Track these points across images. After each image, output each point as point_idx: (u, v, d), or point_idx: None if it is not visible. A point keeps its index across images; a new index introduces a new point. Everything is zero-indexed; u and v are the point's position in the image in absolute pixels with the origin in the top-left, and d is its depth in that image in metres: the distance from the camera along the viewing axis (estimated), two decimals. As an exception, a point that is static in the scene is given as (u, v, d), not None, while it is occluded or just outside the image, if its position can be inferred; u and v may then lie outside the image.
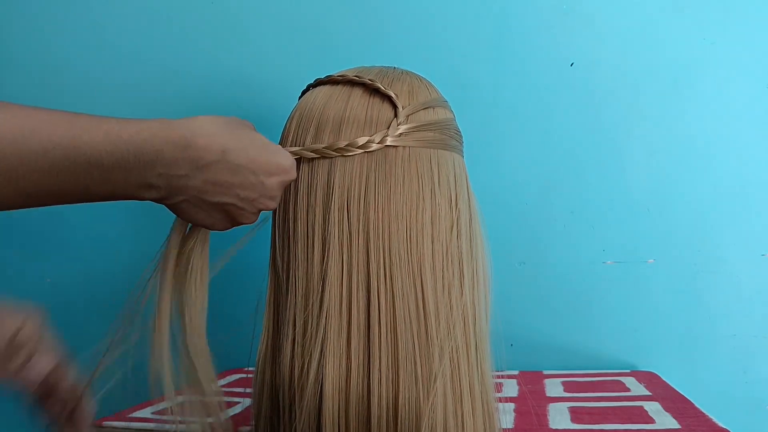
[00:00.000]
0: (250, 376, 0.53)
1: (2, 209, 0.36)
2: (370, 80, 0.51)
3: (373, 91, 0.51)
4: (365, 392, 0.45)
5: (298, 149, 0.49)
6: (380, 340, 0.46)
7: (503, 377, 0.79)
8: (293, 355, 0.48)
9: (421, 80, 0.55)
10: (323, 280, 0.47)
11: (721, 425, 0.58)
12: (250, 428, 0.53)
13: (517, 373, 0.87)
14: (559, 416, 0.64)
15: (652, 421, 0.61)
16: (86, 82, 1.04)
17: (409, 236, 0.48)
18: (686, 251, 0.88)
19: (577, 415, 0.64)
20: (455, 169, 0.52)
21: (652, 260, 0.89)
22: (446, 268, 0.48)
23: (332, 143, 0.49)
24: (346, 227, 0.48)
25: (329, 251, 0.48)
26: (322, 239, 0.48)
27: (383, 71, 0.53)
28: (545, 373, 0.87)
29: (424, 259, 0.48)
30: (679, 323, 0.88)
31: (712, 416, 0.62)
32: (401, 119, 0.49)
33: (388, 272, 0.47)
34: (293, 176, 0.49)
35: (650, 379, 0.81)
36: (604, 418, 0.62)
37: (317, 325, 0.47)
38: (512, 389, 0.76)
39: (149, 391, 0.47)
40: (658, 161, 0.89)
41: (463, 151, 0.55)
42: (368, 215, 0.47)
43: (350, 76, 0.52)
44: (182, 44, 1.01)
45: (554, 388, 0.77)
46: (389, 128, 0.49)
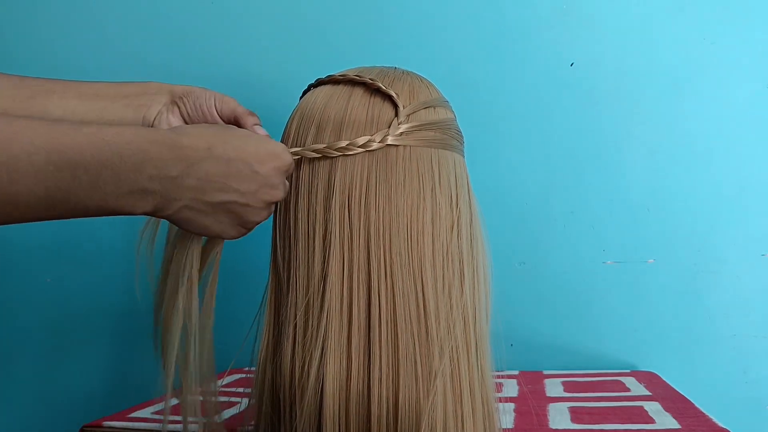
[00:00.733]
0: (250, 376, 0.53)
1: None
2: (371, 80, 0.51)
3: (374, 90, 0.51)
4: (365, 391, 0.45)
5: (299, 149, 0.49)
6: (381, 339, 0.46)
7: (503, 377, 0.79)
8: (294, 354, 0.48)
9: (421, 80, 0.55)
10: (324, 279, 0.47)
11: (721, 425, 0.58)
12: (250, 428, 0.53)
13: (517, 373, 0.87)
14: (559, 416, 0.64)
15: (652, 421, 0.61)
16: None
17: (409, 235, 0.48)
18: (686, 251, 0.88)
19: (577, 415, 0.64)
20: (456, 168, 0.52)
21: (652, 260, 0.89)
22: (447, 267, 0.49)
23: (333, 143, 0.49)
24: (347, 226, 0.48)
25: (330, 250, 0.48)
26: (323, 239, 0.48)
27: (384, 71, 0.53)
28: (545, 373, 0.87)
29: (424, 258, 0.48)
30: (679, 323, 0.88)
31: (712, 416, 0.62)
32: (402, 118, 0.49)
33: (388, 271, 0.47)
34: (288, 160, 0.48)
35: (650, 379, 0.81)
36: (604, 418, 0.62)
37: (318, 324, 0.47)
38: (512, 389, 0.76)
39: (163, 387, 0.47)
40: (658, 161, 0.89)
41: (463, 151, 0.55)
42: (369, 214, 0.48)
43: (351, 75, 0.52)
44: (182, 44, 1.01)
45: (554, 388, 0.77)
46: (390, 127, 0.49)
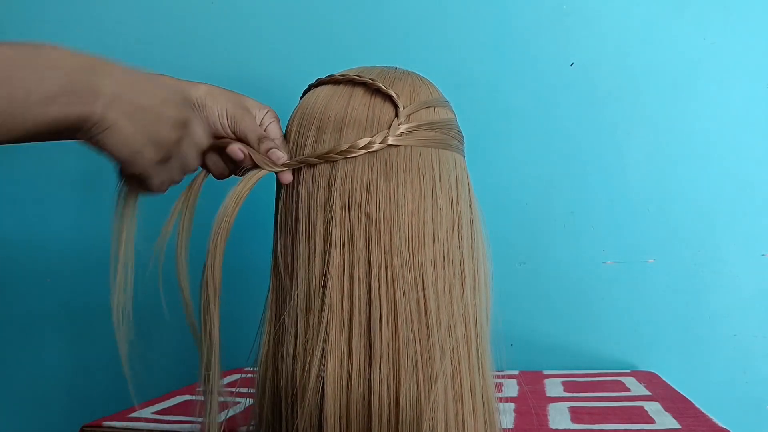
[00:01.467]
0: (250, 376, 0.53)
1: None
2: (371, 80, 0.51)
3: (374, 90, 0.51)
4: (366, 391, 0.45)
5: (302, 158, 0.50)
6: (381, 339, 0.46)
7: (503, 377, 0.79)
8: (295, 354, 0.48)
9: (422, 80, 0.55)
10: (325, 279, 0.47)
11: (721, 425, 0.58)
12: (251, 428, 0.53)
13: (517, 373, 0.87)
14: (559, 416, 0.64)
15: (652, 421, 0.61)
16: (86, 81, 1.04)
17: (410, 236, 0.48)
18: (686, 251, 0.88)
19: (577, 415, 0.64)
20: (456, 168, 0.52)
21: (652, 260, 0.89)
22: (447, 267, 0.49)
23: (334, 147, 0.49)
24: (347, 227, 0.48)
25: (331, 251, 0.48)
26: (323, 239, 0.48)
27: (384, 71, 0.53)
28: (545, 373, 0.87)
29: (425, 258, 0.48)
30: (679, 323, 0.88)
31: (712, 416, 0.62)
32: (402, 118, 0.49)
33: (389, 272, 0.47)
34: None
35: (650, 379, 0.81)
36: (604, 418, 0.62)
37: (319, 324, 0.47)
38: (512, 389, 0.76)
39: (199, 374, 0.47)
40: (658, 161, 0.89)
41: (464, 151, 0.55)
42: (370, 215, 0.48)
43: (351, 75, 0.52)
44: (182, 44, 1.01)
45: (554, 388, 0.77)
46: (390, 128, 0.49)
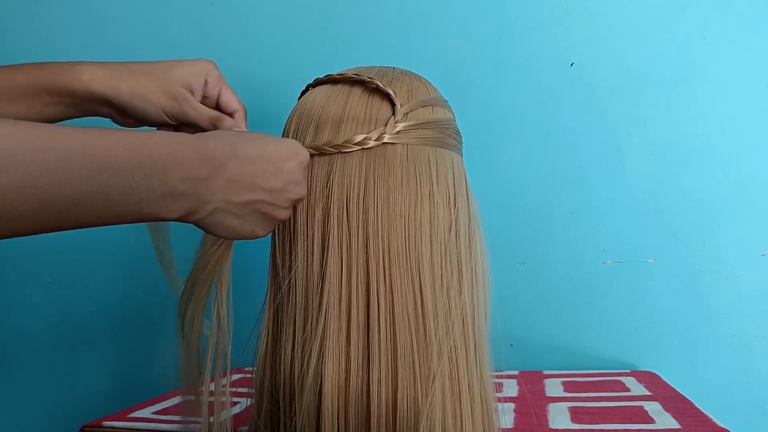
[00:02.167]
0: (250, 376, 0.53)
1: (30, 231, 0.35)
2: (369, 78, 0.51)
3: (372, 89, 0.51)
4: (364, 391, 0.45)
5: None
6: (379, 339, 0.46)
7: (503, 377, 0.79)
8: (293, 354, 0.48)
9: (420, 80, 0.55)
10: (322, 279, 0.47)
11: (721, 425, 0.58)
12: (250, 428, 0.53)
13: (517, 373, 0.87)
14: (559, 416, 0.64)
15: (652, 421, 0.61)
16: (86, 82, 1.04)
17: (407, 235, 0.48)
18: (686, 251, 0.88)
19: (577, 415, 0.64)
20: (454, 168, 0.52)
21: (652, 260, 0.89)
22: (445, 267, 0.49)
23: (330, 140, 0.49)
24: (345, 226, 0.48)
25: (328, 250, 0.48)
26: (321, 238, 0.48)
27: (383, 71, 0.54)
28: (545, 373, 0.87)
29: (422, 258, 0.48)
30: (679, 323, 0.88)
31: (712, 416, 0.62)
32: (399, 117, 0.49)
33: (387, 271, 0.47)
34: (307, 155, 0.48)
35: (650, 379, 0.81)
36: (604, 418, 0.62)
37: (317, 324, 0.47)
38: (512, 389, 0.76)
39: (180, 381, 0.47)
40: (658, 161, 0.89)
41: (462, 151, 0.55)
42: (367, 215, 0.48)
43: (349, 75, 0.52)
44: (182, 44, 1.01)
45: (554, 388, 0.77)
46: (387, 125, 0.49)
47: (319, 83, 0.54)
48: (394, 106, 0.50)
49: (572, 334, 0.90)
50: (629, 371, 0.86)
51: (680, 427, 0.59)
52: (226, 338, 0.49)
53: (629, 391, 0.74)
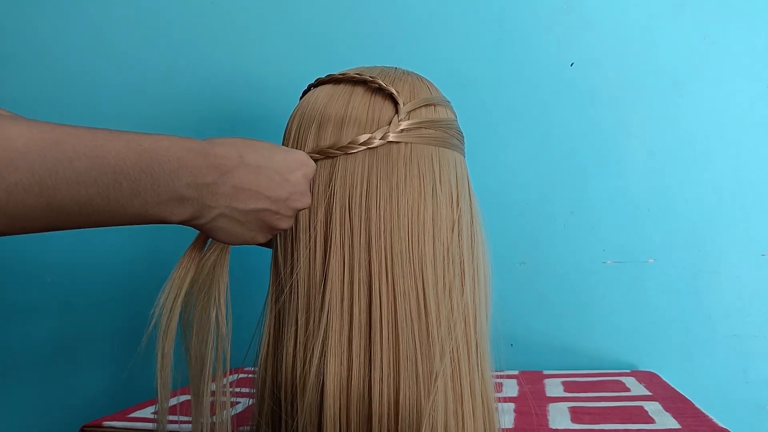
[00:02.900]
0: (250, 376, 0.53)
1: (37, 229, 0.35)
2: (371, 78, 0.51)
3: (374, 89, 0.51)
4: (366, 391, 0.45)
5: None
6: (381, 338, 0.46)
7: (503, 377, 0.79)
8: (295, 353, 0.48)
9: (422, 80, 0.55)
10: (325, 278, 0.47)
11: (721, 425, 0.58)
12: (251, 427, 0.53)
13: (517, 373, 0.87)
14: (559, 416, 0.64)
15: (652, 421, 0.61)
16: (86, 82, 1.04)
17: (410, 235, 0.48)
18: (686, 251, 0.88)
19: (577, 415, 0.64)
20: (457, 168, 0.52)
21: (652, 260, 0.89)
22: (447, 267, 0.49)
23: (335, 143, 0.49)
24: (347, 226, 0.48)
25: (331, 250, 0.48)
26: (324, 238, 0.48)
27: (385, 71, 0.54)
28: (545, 373, 0.87)
29: (425, 258, 0.48)
30: (679, 323, 0.88)
31: (712, 416, 0.62)
32: (402, 116, 0.49)
33: (389, 271, 0.47)
34: (313, 166, 0.49)
35: (650, 379, 0.81)
36: (604, 418, 0.62)
37: (319, 323, 0.47)
38: (512, 389, 0.76)
39: (155, 390, 0.47)
40: (658, 161, 0.89)
41: (464, 151, 0.55)
42: (370, 214, 0.48)
43: (351, 74, 0.52)
44: (182, 44, 1.01)
45: (554, 388, 0.77)
46: (390, 125, 0.49)
47: (320, 83, 0.54)
48: (396, 105, 0.50)
49: (572, 334, 0.90)
50: (629, 371, 0.86)
51: (680, 427, 0.59)
52: (225, 341, 0.49)
53: (629, 391, 0.74)
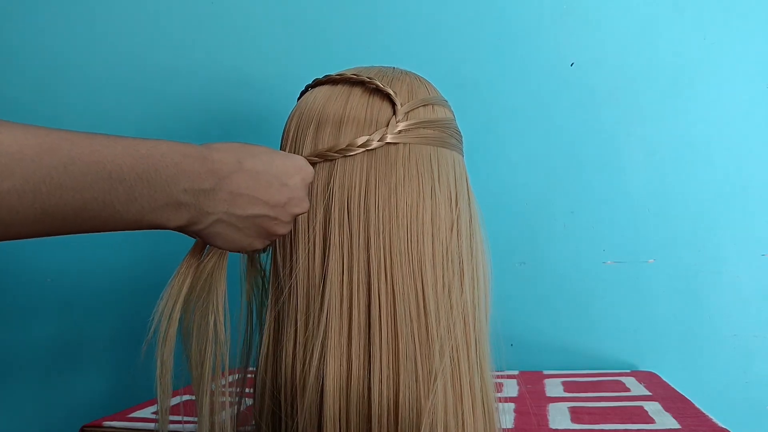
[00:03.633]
0: (250, 376, 0.53)
1: (32, 235, 0.35)
2: (368, 79, 0.51)
3: (372, 89, 0.51)
4: (366, 391, 0.45)
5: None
6: (381, 339, 0.46)
7: (503, 377, 0.79)
8: (294, 354, 0.48)
9: (420, 80, 0.55)
10: (324, 279, 0.47)
11: (721, 425, 0.58)
12: (251, 428, 0.53)
13: (517, 373, 0.87)
14: (559, 416, 0.64)
15: (652, 421, 0.61)
16: (86, 82, 1.04)
17: (409, 235, 0.48)
18: (686, 251, 0.88)
19: (577, 415, 0.64)
20: (455, 167, 0.52)
21: (652, 260, 0.89)
22: (446, 267, 0.48)
23: (333, 145, 0.49)
24: (346, 227, 0.48)
25: (330, 251, 0.48)
26: (322, 239, 0.48)
27: (383, 71, 0.53)
28: (545, 373, 0.87)
29: (424, 258, 0.48)
30: (679, 323, 0.88)
31: (712, 416, 0.62)
32: (400, 116, 0.49)
33: (388, 272, 0.47)
34: (312, 171, 0.48)
35: (650, 379, 0.81)
36: (604, 418, 0.62)
37: (318, 324, 0.47)
38: (512, 389, 0.76)
39: (154, 390, 0.47)
40: (658, 161, 0.89)
41: (463, 150, 0.55)
42: (369, 215, 0.47)
43: (349, 75, 0.52)
44: (182, 44, 1.01)
45: (554, 388, 0.77)
46: (388, 125, 0.49)
47: (318, 84, 0.54)
48: (394, 105, 0.50)
49: (572, 334, 0.90)
50: (629, 371, 0.86)
51: (680, 427, 0.59)
52: (223, 347, 0.49)
53: (629, 391, 0.74)
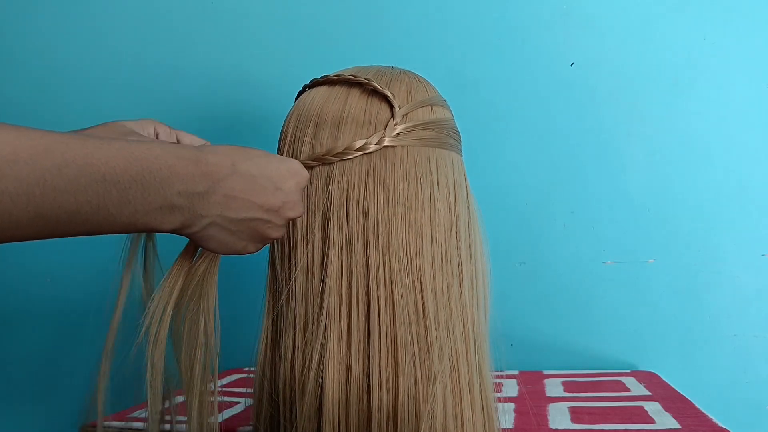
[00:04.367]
0: (250, 376, 0.53)
1: (25, 238, 0.34)
2: (366, 80, 0.51)
3: (370, 91, 0.51)
4: (365, 394, 0.45)
5: (299, 161, 0.49)
6: (380, 341, 0.46)
7: (503, 377, 0.79)
8: (293, 357, 0.48)
9: (419, 80, 0.54)
10: (323, 282, 0.47)
11: (721, 425, 0.58)
12: (250, 428, 0.53)
13: (517, 373, 0.87)
14: (559, 416, 0.64)
15: (652, 421, 0.61)
16: (86, 82, 1.04)
17: (408, 238, 0.47)
18: (686, 251, 0.88)
19: (577, 415, 0.64)
20: (454, 168, 0.52)
21: (652, 260, 0.89)
22: (445, 269, 0.48)
23: (330, 149, 0.48)
24: (345, 230, 0.48)
25: (329, 254, 0.47)
26: (321, 242, 0.48)
27: (381, 71, 0.53)
28: (545, 373, 0.87)
29: (423, 260, 0.47)
30: (679, 323, 0.88)
31: (712, 416, 0.62)
32: (398, 119, 0.49)
33: (387, 274, 0.47)
34: (307, 176, 0.48)
35: (650, 379, 0.81)
36: (604, 418, 0.62)
37: (317, 327, 0.47)
38: (512, 389, 0.76)
39: (144, 394, 0.47)
40: (658, 161, 0.89)
41: (461, 150, 0.55)
42: (367, 217, 0.47)
43: (347, 75, 0.52)
44: (182, 44, 1.01)
45: (554, 388, 0.77)
46: (386, 128, 0.49)
47: (316, 84, 0.54)
48: (392, 108, 0.50)
49: (572, 334, 0.90)
50: (629, 371, 0.86)
51: (680, 427, 0.59)
52: (212, 351, 0.49)
53: (629, 391, 0.74)
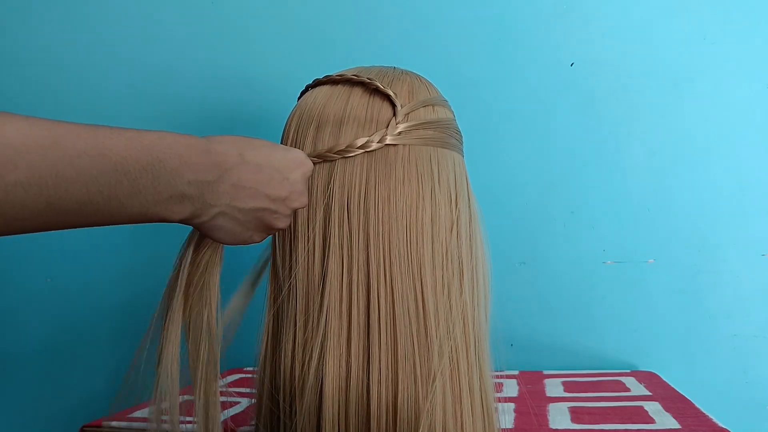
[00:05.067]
0: (250, 376, 0.53)
1: (35, 229, 0.35)
2: (369, 79, 0.51)
3: (372, 90, 0.51)
4: (365, 392, 0.45)
5: None
6: (380, 340, 0.46)
7: (503, 377, 0.79)
8: (294, 354, 0.48)
9: (420, 80, 0.55)
10: (323, 280, 0.47)
11: (721, 425, 0.58)
12: (250, 428, 0.53)
13: (517, 373, 0.87)
14: (559, 416, 0.64)
15: (652, 421, 0.61)
16: (86, 82, 1.04)
17: (409, 236, 0.48)
18: (686, 251, 0.88)
19: (577, 415, 0.64)
20: (455, 168, 0.52)
21: (652, 260, 0.89)
22: (446, 267, 0.48)
23: (332, 146, 0.49)
24: (346, 227, 0.48)
25: (329, 251, 0.48)
26: (322, 239, 0.48)
27: (383, 71, 0.53)
28: (545, 373, 0.87)
29: (423, 259, 0.48)
30: (679, 323, 0.88)
31: (712, 416, 0.62)
32: (400, 117, 0.49)
33: (388, 272, 0.47)
34: (311, 166, 0.48)
35: (650, 379, 0.81)
36: (604, 418, 0.62)
37: (317, 325, 0.47)
38: (512, 389, 0.76)
39: (153, 393, 0.47)
40: (658, 161, 0.89)
41: (463, 150, 0.55)
42: (368, 215, 0.48)
43: (349, 75, 0.52)
44: (182, 45, 1.01)
45: (554, 388, 0.77)
46: (388, 127, 0.49)
47: (318, 84, 0.54)
48: (394, 107, 0.50)
49: (572, 334, 0.90)
50: (629, 371, 0.86)
51: (680, 427, 0.59)
52: (215, 343, 0.49)
53: (629, 391, 0.74)
